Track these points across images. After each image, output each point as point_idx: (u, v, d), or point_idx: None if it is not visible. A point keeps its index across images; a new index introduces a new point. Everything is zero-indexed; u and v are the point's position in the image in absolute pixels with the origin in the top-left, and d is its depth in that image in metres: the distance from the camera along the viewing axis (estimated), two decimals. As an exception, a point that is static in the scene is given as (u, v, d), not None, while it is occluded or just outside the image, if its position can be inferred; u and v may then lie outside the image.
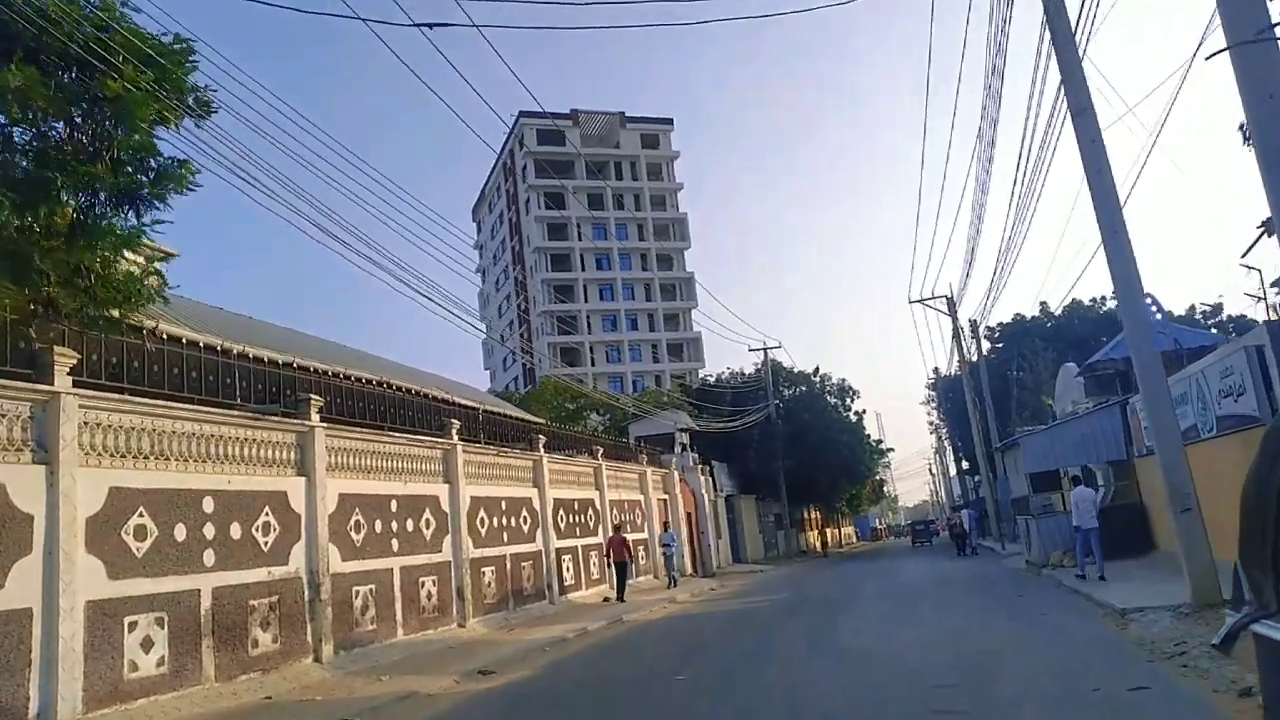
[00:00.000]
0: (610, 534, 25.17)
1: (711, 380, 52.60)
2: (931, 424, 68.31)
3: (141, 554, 10.83)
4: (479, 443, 20.10)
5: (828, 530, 65.18)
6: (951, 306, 44.16)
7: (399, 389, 18.37)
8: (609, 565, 24.77)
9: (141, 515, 10.94)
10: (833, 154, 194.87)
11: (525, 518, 21.11)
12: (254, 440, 13.08)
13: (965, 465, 65.17)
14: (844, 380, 53.32)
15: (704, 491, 36.68)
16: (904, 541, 76.64)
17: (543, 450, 22.42)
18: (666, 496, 32.28)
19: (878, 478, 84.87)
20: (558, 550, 22.42)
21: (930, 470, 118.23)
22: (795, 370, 52.29)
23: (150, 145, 11.32)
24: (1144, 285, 12.23)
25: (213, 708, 10.68)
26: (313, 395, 14.31)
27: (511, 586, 19.90)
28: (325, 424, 14.52)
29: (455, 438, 18.19)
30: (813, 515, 64.37)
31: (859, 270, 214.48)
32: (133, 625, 10.50)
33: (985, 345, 51.47)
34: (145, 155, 11.07)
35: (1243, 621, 3.01)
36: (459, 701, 10.99)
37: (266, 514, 12.97)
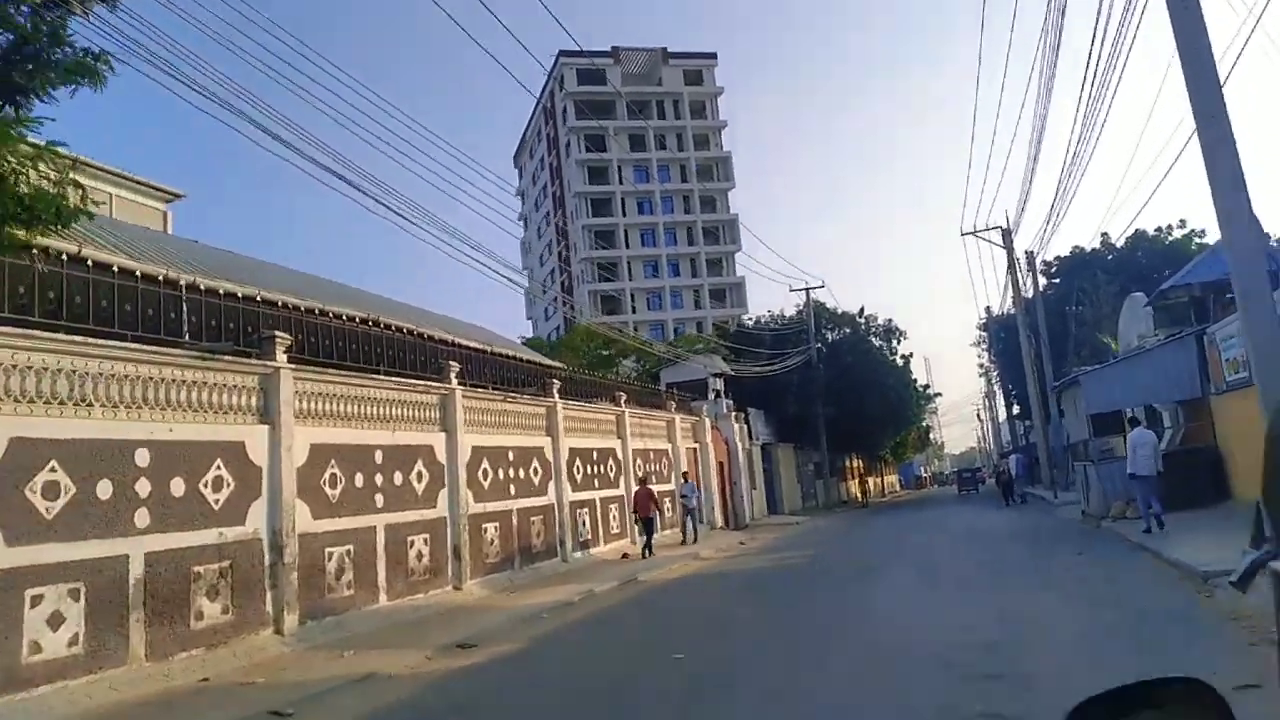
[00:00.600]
0: (636, 486, 23.59)
1: (750, 323, 50.33)
2: (981, 367, 65.63)
3: (52, 515, 9.33)
4: (485, 388, 18.43)
5: (869, 479, 63.10)
6: (1007, 238, 41.37)
7: (391, 328, 16.71)
8: (634, 520, 23.25)
9: (54, 470, 9.42)
10: (882, 81, 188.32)
11: (536, 469, 19.48)
12: (204, 383, 11.47)
13: (1016, 409, 62.58)
14: (890, 321, 50.62)
15: (738, 440, 34.83)
16: (949, 490, 74.33)
17: (557, 396, 20.70)
18: (697, 445, 30.52)
19: (924, 424, 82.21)
20: (572, 504, 20.81)
21: (978, 416, 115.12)
22: (839, 311, 49.73)
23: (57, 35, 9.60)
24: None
25: (132, 693, 9.19)
26: (278, 333, 12.66)
27: (519, 544, 18.34)
28: (294, 365, 12.90)
29: (454, 381, 16.52)
30: (854, 464, 62.27)
31: (909, 206, 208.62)
32: (36, 599, 9.03)
33: (1042, 281, 48.58)
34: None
35: (1261, 559, 3.27)
36: (419, 688, 9.38)
37: (218, 468, 11.41)
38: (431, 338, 17.14)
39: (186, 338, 11.89)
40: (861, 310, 50.47)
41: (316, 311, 14.24)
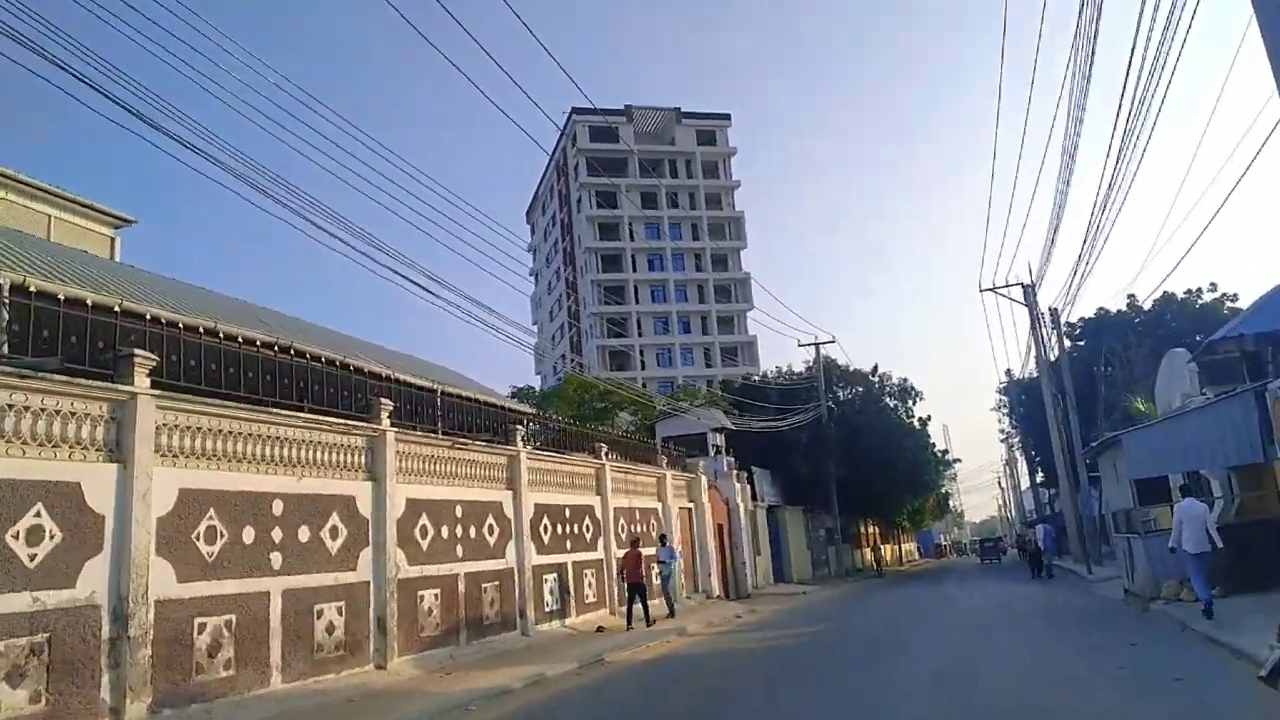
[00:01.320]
0: (626, 548, 20.96)
1: (756, 378, 47.69)
2: (1002, 432, 62.53)
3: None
4: (432, 431, 15.89)
5: (885, 546, 59.76)
6: (1029, 294, 38.79)
7: (307, 356, 14.20)
8: (622, 586, 20.60)
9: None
10: (898, 133, 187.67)
11: (491, 527, 16.82)
12: (37, 409, 9.09)
13: (1041, 477, 59.33)
14: (905, 380, 47.87)
15: (739, 500, 32.00)
16: (969, 560, 70.67)
17: (521, 444, 18.12)
18: (691, 505, 27.74)
19: (943, 490, 78.80)
20: (537, 568, 18.06)
21: (999, 483, 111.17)
22: (851, 369, 47.04)
23: None
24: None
25: None
26: (138, 351, 10.24)
27: (466, 614, 15.60)
28: (159, 392, 10.48)
29: (385, 421, 14.01)
30: (869, 530, 58.99)
31: (926, 265, 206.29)
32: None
33: (1066, 343, 45.95)
34: None
35: None
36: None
37: (38, 515, 8.92)
38: (361, 370, 14.68)
39: (295, 400, 10.44)
40: (875, 368, 47.87)
41: (202, 330, 11.83)
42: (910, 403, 47.50)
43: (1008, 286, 39.94)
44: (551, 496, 19.35)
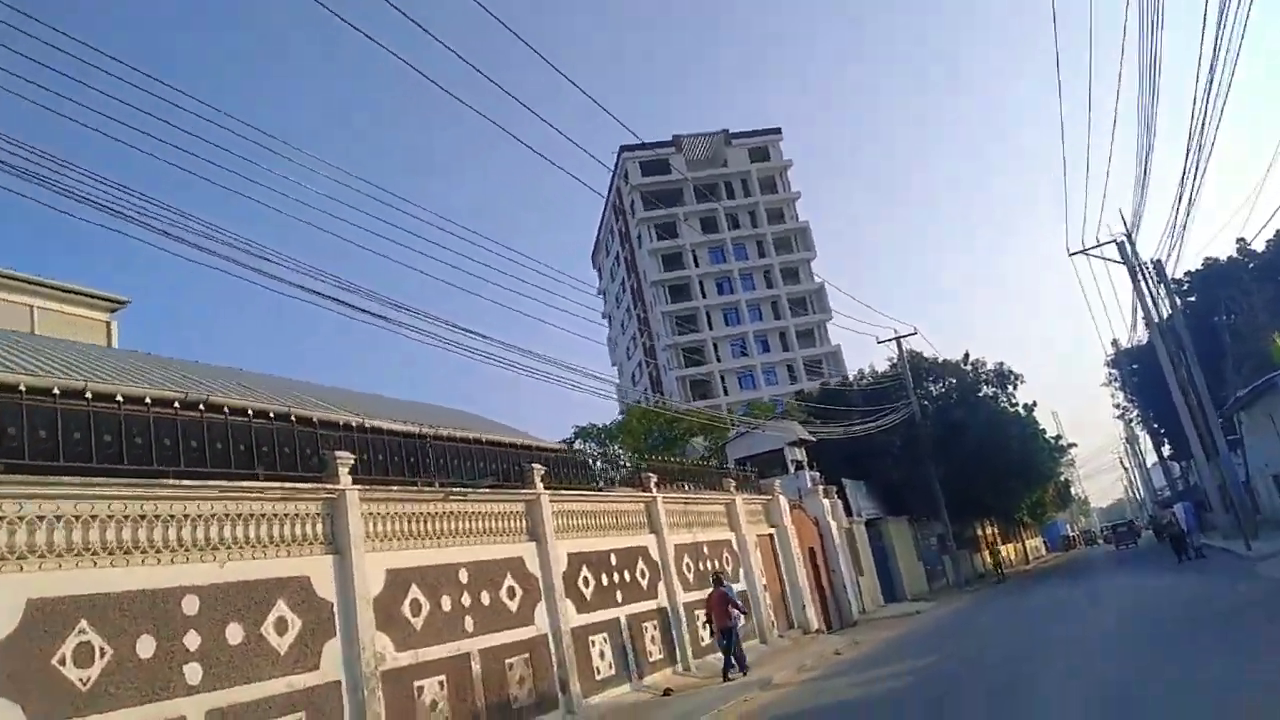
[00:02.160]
0: (710, 590, 17.94)
1: (835, 383, 43.77)
2: (1118, 408, 56.75)
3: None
4: (412, 483, 13.06)
5: (1007, 546, 54.69)
6: (1125, 250, 34.33)
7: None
8: (711, 632, 17.76)
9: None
10: (961, 104, 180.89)
11: (512, 589, 13.87)
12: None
13: (1168, 449, 53.55)
14: (1002, 365, 43.05)
15: (830, 519, 28.36)
16: (1101, 549, 64.51)
17: (541, 484, 15.19)
18: (773, 530, 24.29)
19: (1061, 478, 72.66)
20: (578, 629, 15.00)
21: (1122, 463, 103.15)
22: (940, 360, 42.71)
23: None
24: None
25: None
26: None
27: (486, 699, 12.59)
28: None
29: (345, 478, 11.27)
30: (987, 531, 53.98)
31: (1006, 237, 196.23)
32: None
33: (1175, 299, 40.98)
34: None
35: None
36: None
37: None
38: (309, 420, 11.97)
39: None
40: (966, 356, 43.33)
41: (58, 393, 9.31)
42: (1010, 388, 42.84)
43: (1099, 246, 35.60)
44: (590, 542, 16.30)
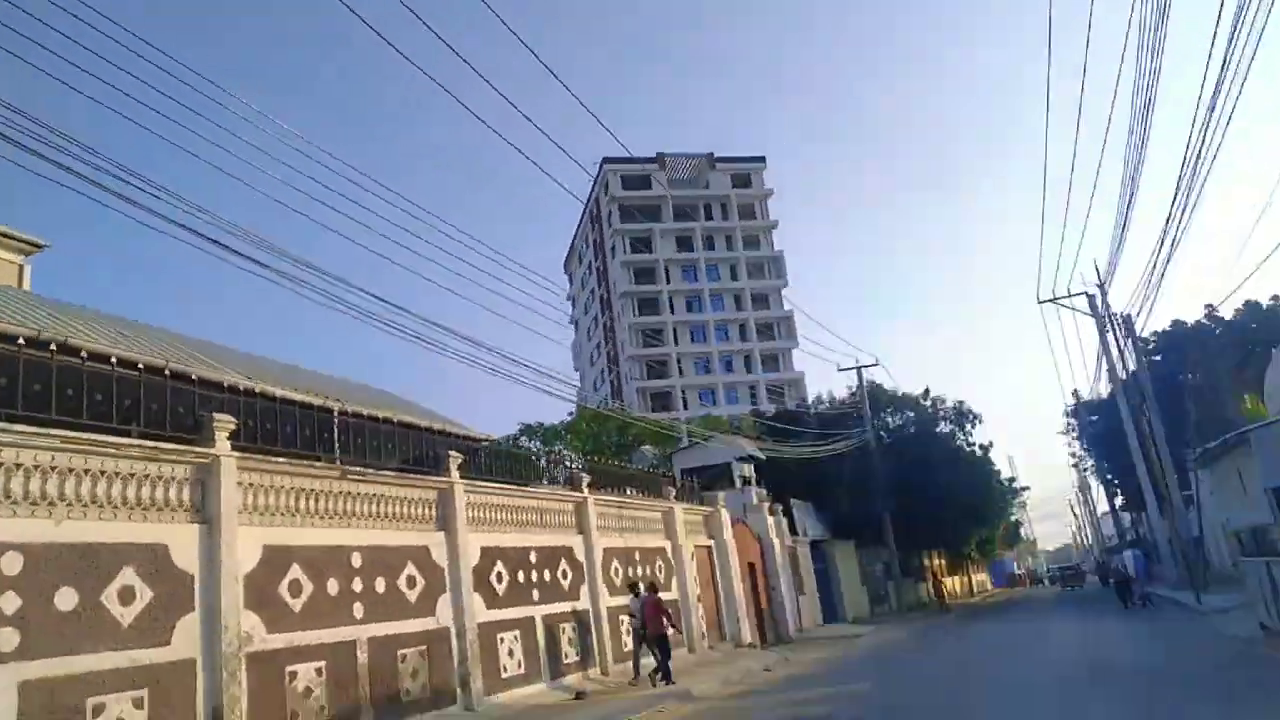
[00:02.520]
0: (644, 594, 17.01)
1: (791, 406, 43.01)
2: (1073, 456, 56.47)
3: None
4: (308, 459, 11.96)
5: (954, 578, 54.17)
6: (1095, 305, 33.95)
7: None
8: (642, 640, 16.72)
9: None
10: (939, 139, 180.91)
11: (413, 578, 12.78)
12: None
13: (1120, 500, 53.34)
14: (962, 404, 42.41)
15: (773, 535, 27.45)
16: (1047, 590, 64.23)
17: (456, 474, 14.12)
18: (711, 542, 23.34)
19: (1013, 518, 72.50)
20: (485, 625, 13.91)
21: (1072, 510, 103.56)
22: (900, 393, 42.08)
23: None
24: None
25: None
26: None
27: (372, 690, 11.50)
28: None
29: (222, 443, 10.17)
30: (936, 562, 53.40)
31: (976, 283, 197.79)
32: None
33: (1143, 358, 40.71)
34: None
35: None
36: None
37: None
38: (188, 378, 10.83)
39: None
40: (926, 392, 42.74)
41: None
42: (969, 427, 42.29)
43: (1069, 297, 35.24)
44: (509, 538, 15.24)
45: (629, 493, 20.36)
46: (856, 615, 35.28)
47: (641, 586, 17.45)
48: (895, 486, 36.64)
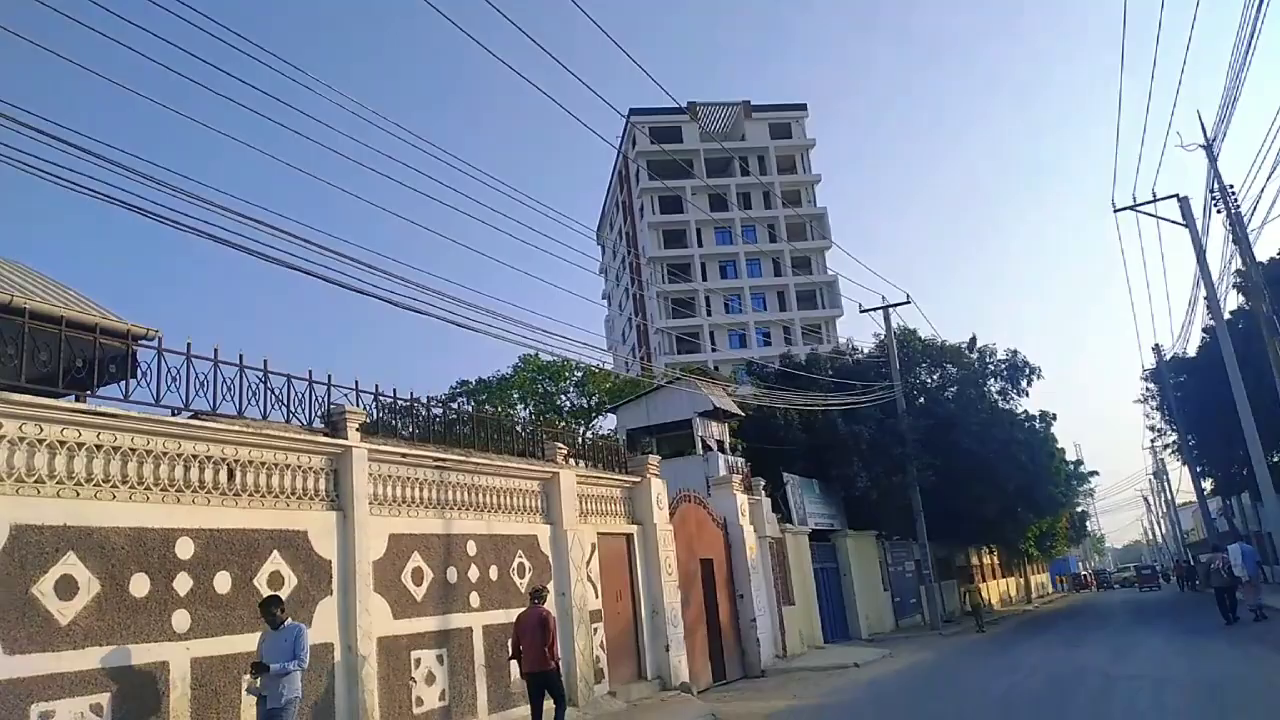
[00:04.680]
0: (531, 606, 11.00)
1: (802, 358, 34.96)
2: (1152, 430, 47.19)
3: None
4: None
5: (1006, 580, 45.87)
6: (1189, 211, 25.61)
7: None
8: (522, 671, 10.77)
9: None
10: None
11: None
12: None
13: (1209, 485, 44.28)
14: (1016, 353, 33.88)
15: (745, 521, 19.89)
16: (1115, 596, 54.84)
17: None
18: (633, 529, 15.89)
19: (1079, 509, 63.26)
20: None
21: (1146, 500, 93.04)
22: (940, 343, 33.71)
23: None
24: None
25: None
26: None
27: None
28: None
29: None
30: (984, 559, 45.13)
31: (1037, 240, 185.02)
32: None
33: (1233, 300, 31.90)
34: None
35: None
36: None
37: None
38: None
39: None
40: (973, 341, 34.27)
41: None
42: (1025, 383, 33.68)
43: (1154, 202, 26.90)
44: (170, 514, 8.23)
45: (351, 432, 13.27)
46: (875, 630, 27.55)
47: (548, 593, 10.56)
48: (932, 461, 28.68)
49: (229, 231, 8.85)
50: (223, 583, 8.30)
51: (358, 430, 10.23)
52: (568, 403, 28.25)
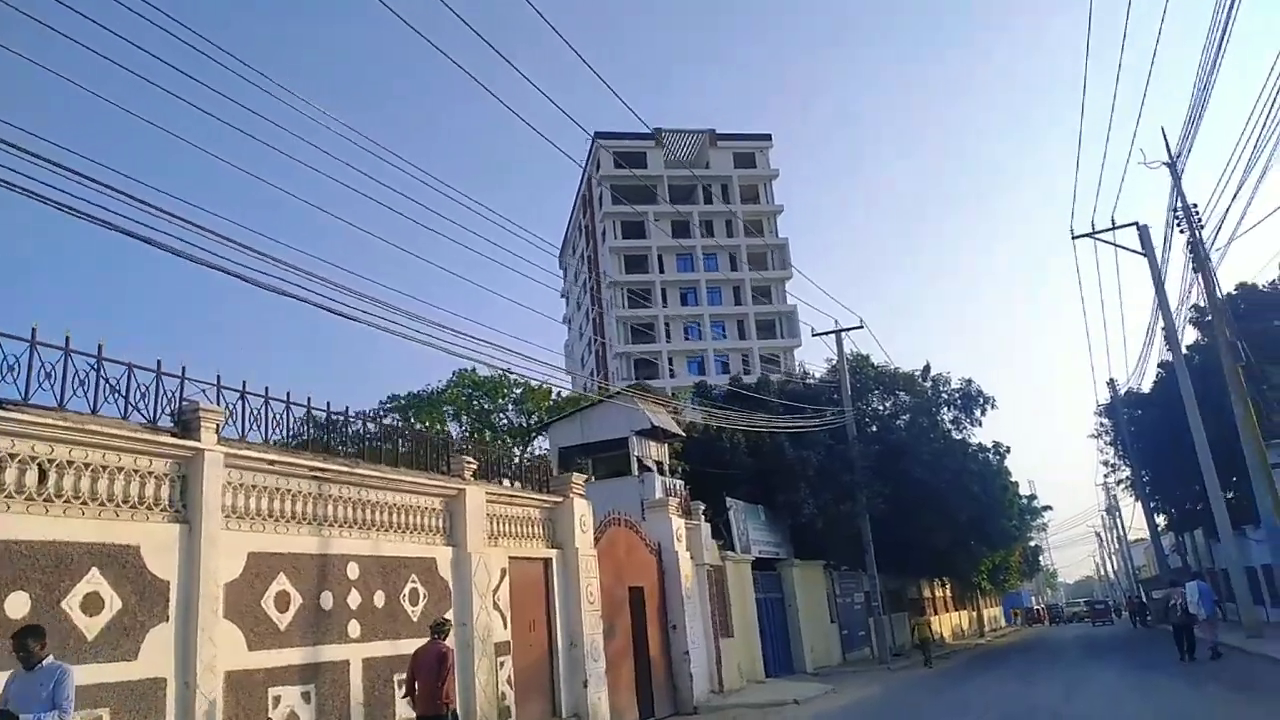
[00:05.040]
0: (430, 640, 9.84)
1: (749, 382, 33.96)
2: (1106, 465, 46.70)
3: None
4: None
5: (955, 614, 44.99)
6: (1148, 239, 25.14)
7: None
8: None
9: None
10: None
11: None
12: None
13: (1163, 521, 43.83)
14: (970, 383, 33.25)
15: (681, 548, 18.64)
16: (1068, 631, 54.07)
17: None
18: (552, 553, 14.57)
19: (1031, 543, 62.79)
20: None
21: (1098, 535, 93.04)
22: (893, 369, 32.93)
23: None
24: None
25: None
26: None
27: None
28: None
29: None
30: (937, 592, 44.20)
31: (992, 269, 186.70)
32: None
33: (1190, 335, 31.49)
34: None
35: None
36: None
37: None
38: None
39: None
40: (926, 370, 33.59)
41: None
42: (979, 413, 32.94)
43: (1113, 229, 26.39)
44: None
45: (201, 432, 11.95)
46: (821, 664, 26.35)
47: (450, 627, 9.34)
48: (881, 490, 27.70)
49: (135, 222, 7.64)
50: (16, 605, 6.92)
51: (215, 432, 8.89)
52: (506, 421, 26.90)
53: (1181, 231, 20.56)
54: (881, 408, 32.85)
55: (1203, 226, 20.10)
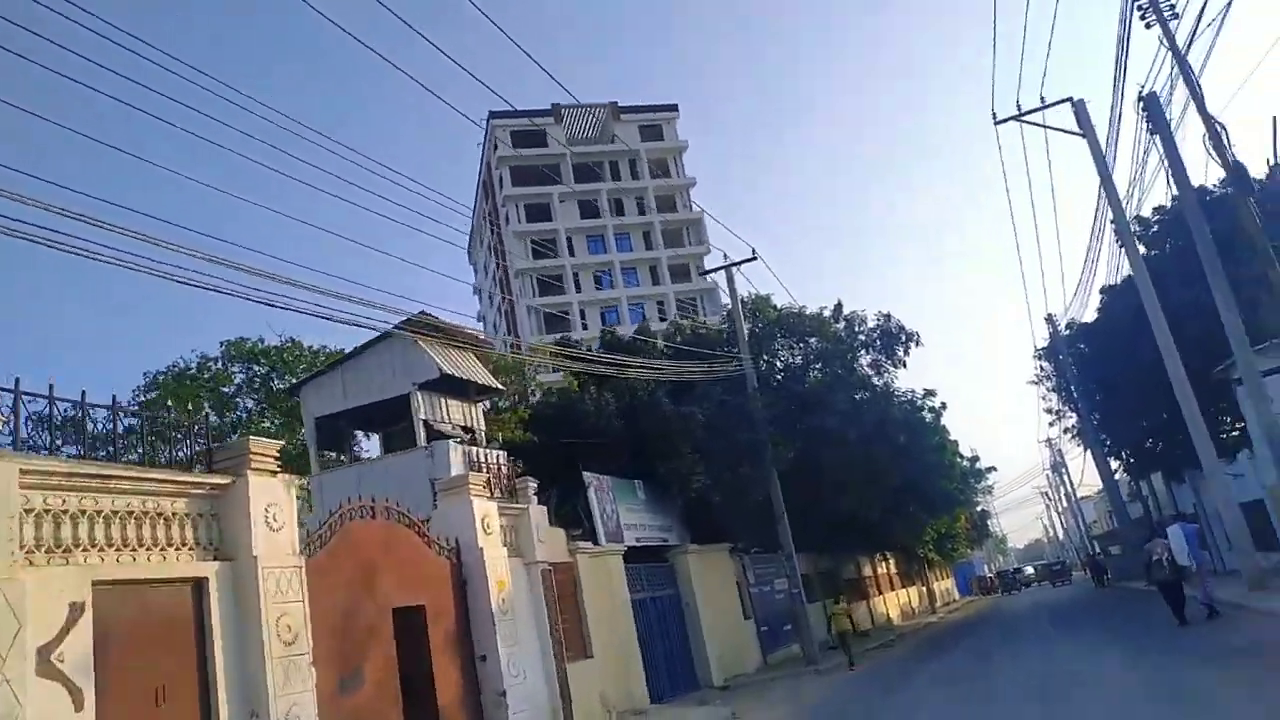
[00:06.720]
0: None
1: (629, 337, 28.47)
2: (1052, 413, 42.19)
3: None
4: None
5: (903, 591, 40.31)
6: (1083, 115, 20.43)
7: None
8: None
9: None
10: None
11: None
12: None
13: (1118, 465, 39.50)
14: (889, 318, 27.60)
15: (495, 545, 13.12)
16: (1024, 599, 49.79)
17: None
18: (209, 568, 8.91)
19: (978, 508, 58.45)
20: None
21: (1044, 495, 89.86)
22: (799, 310, 27.54)
23: None
24: None
25: None
26: None
27: None
28: None
29: None
30: (880, 570, 39.41)
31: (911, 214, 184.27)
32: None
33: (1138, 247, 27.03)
34: None
35: None
36: None
37: None
38: None
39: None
40: (839, 309, 28.40)
41: None
42: (901, 351, 27.72)
43: (1042, 109, 21.61)
44: None
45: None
46: (735, 672, 21.04)
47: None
48: (793, 446, 22.51)
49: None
50: None
51: None
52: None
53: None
54: (790, 358, 27.63)
55: (1161, 114, 15.15)
